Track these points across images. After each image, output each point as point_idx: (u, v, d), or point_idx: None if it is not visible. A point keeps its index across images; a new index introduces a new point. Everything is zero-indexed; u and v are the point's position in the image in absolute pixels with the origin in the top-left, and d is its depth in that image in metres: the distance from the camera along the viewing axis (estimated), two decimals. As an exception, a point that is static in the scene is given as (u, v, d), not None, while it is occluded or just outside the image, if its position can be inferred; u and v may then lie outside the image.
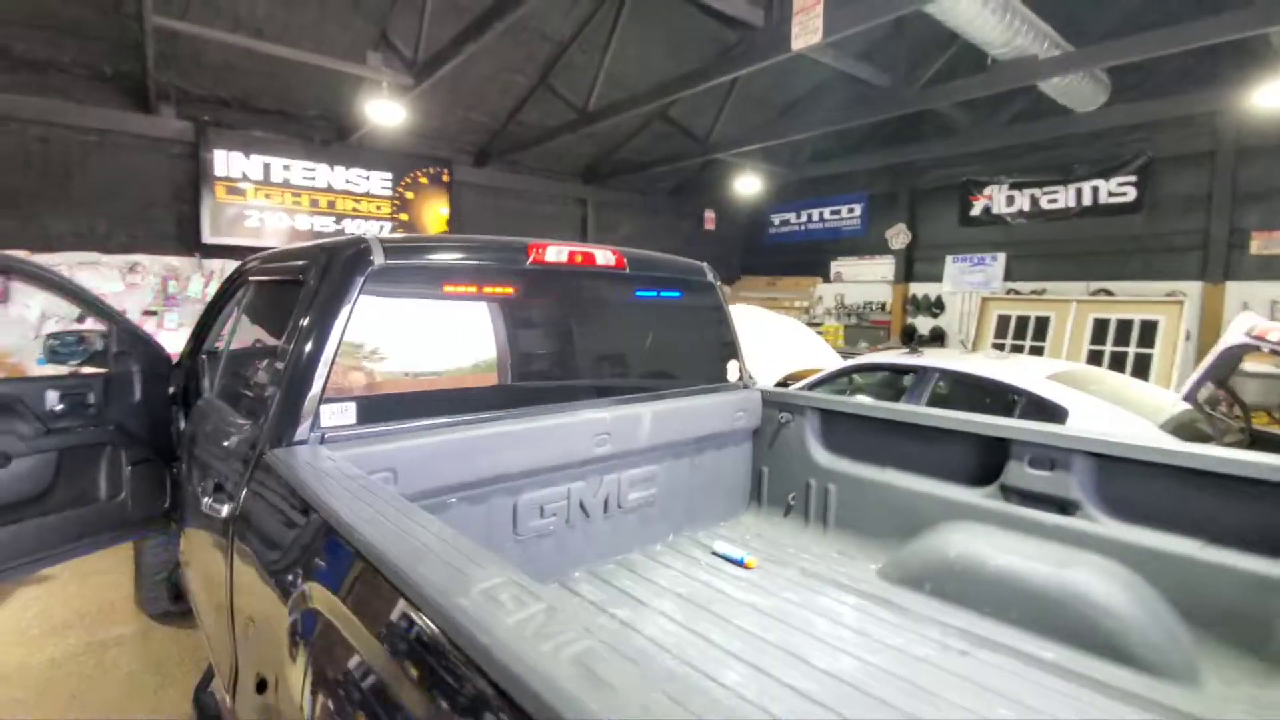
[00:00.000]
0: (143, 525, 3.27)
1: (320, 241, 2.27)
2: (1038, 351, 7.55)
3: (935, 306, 9.30)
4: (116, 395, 3.19)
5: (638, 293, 2.72)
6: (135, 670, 3.19)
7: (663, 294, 2.79)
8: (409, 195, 7.78)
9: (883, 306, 9.99)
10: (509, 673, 0.72)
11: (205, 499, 2.01)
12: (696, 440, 2.81)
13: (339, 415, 1.85)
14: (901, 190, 9.53)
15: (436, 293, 2.11)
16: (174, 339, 5.71)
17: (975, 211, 8.65)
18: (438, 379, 2.11)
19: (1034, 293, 8.09)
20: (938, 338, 9.22)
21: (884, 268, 9.94)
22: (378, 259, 1.94)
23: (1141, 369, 6.71)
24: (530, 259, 2.31)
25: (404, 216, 7.79)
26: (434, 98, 7.01)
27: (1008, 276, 8.46)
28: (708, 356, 3.05)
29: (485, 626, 0.79)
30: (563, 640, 0.77)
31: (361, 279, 1.90)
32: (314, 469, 1.53)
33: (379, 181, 7.55)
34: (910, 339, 9.47)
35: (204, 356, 3.06)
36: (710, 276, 3.04)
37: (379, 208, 7.60)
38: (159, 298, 6.68)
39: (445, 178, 8.04)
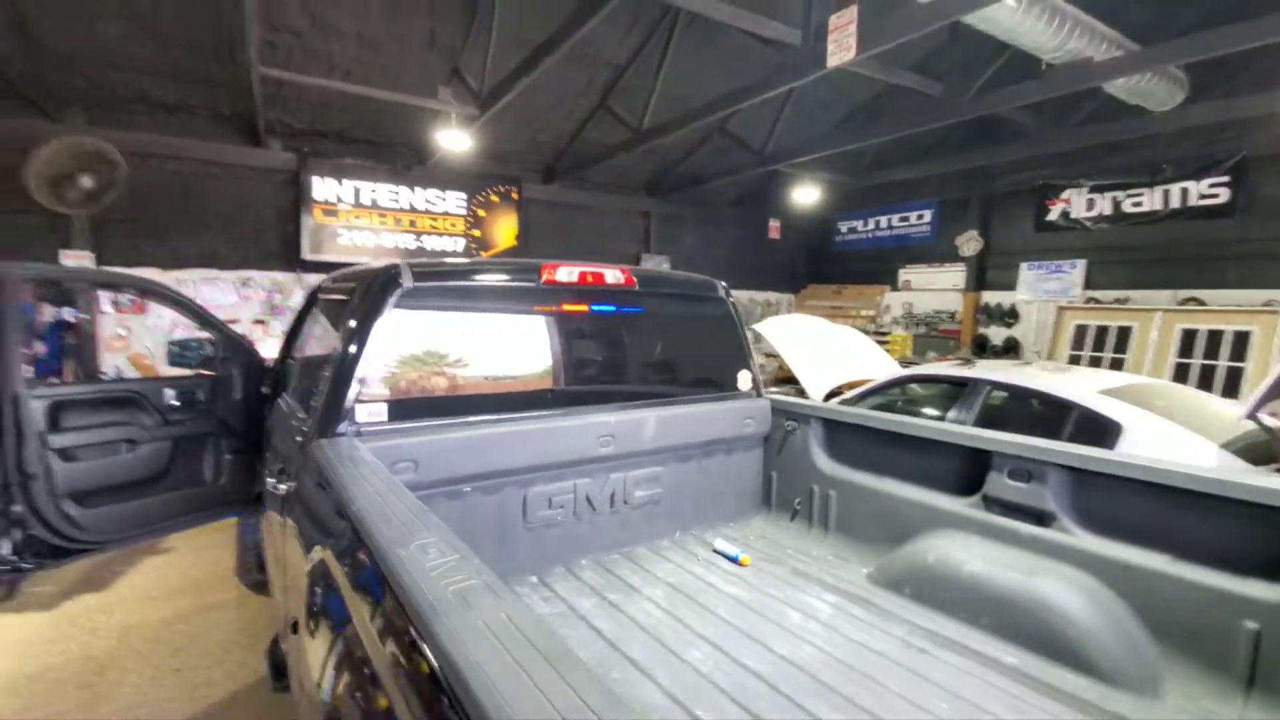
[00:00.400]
0: (238, 506, 3.85)
1: (367, 266, 2.67)
2: (1118, 365, 7.13)
3: (1009, 316, 8.91)
4: (220, 394, 3.78)
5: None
6: (230, 630, 3.76)
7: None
8: (481, 213, 8.38)
9: (952, 316, 9.67)
10: (411, 600, 1.00)
11: (271, 480, 2.44)
12: (703, 445, 3.01)
13: (372, 413, 2.22)
14: (973, 196, 9.22)
15: (458, 309, 2.45)
16: (277, 346, 6.49)
17: (1052, 216, 8.25)
18: (457, 383, 2.45)
19: (1116, 301, 7.62)
20: (1011, 349, 8.83)
21: (954, 275, 9.63)
22: (406, 282, 2.30)
23: (1233, 384, 6.22)
24: (543, 279, 2.60)
25: (476, 233, 8.39)
26: (503, 122, 7.55)
27: (1088, 284, 8.01)
28: (718, 366, 3.24)
29: (408, 568, 1.08)
30: (455, 580, 1.04)
31: (393, 299, 2.26)
32: (341, 456, 1.89)
33: (454, 201, 8.19)
34: (982, 350, 9.14)
35: (287, 362, 3.58)
36: (721, 292, 3.23)
37: (454, 225, 8.24)
38: (266, 309, 7.57)
39: (514, 195, 8.59)
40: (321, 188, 7.46)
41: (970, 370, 5.51)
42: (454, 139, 6.07)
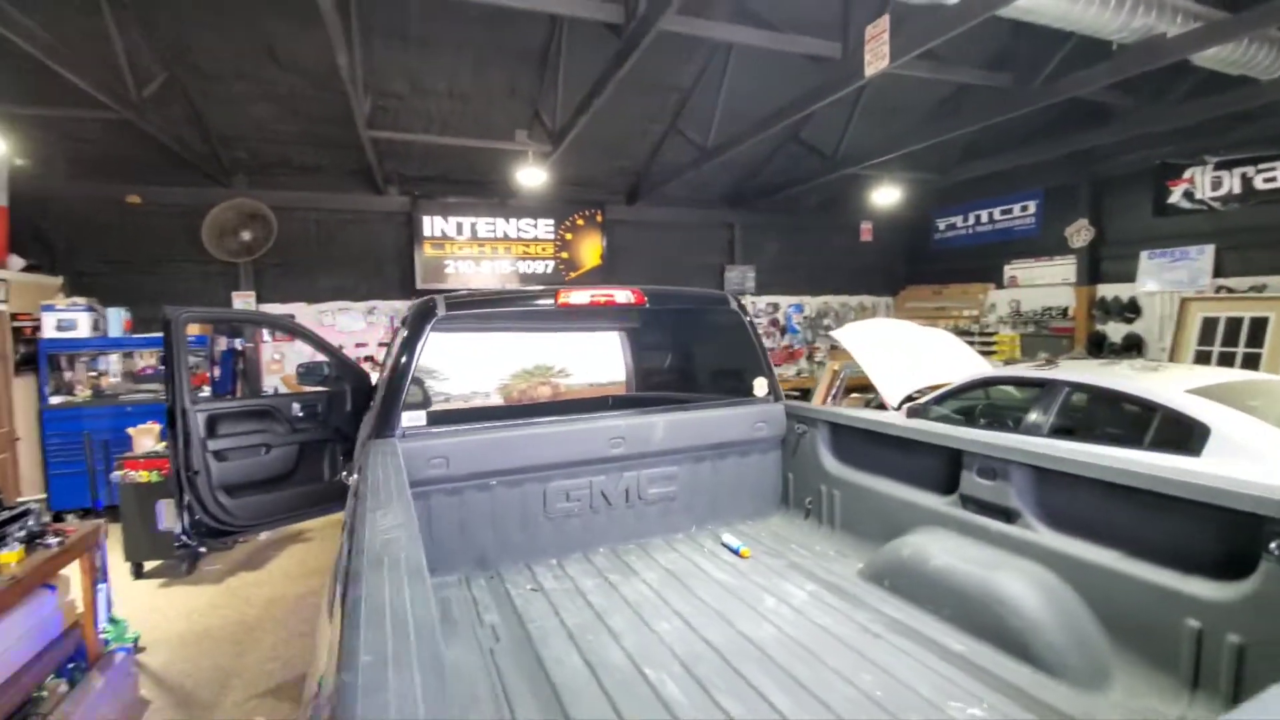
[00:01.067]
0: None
1: (417, 300, 3.25)
2: (1252, 362, 6.35)
3: (1129, 310, 8.13)
4: (335, 407, 4.57)
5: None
6: (342, 601, 4.52)
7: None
8: (568, 236, 9.06)
9: (1064, 312, 8.95)
10: (359, 548, 1.43)
11: (344, 473, 3.06)
12: (715, 447, 3.28)
13: (414, 419, 2.75)
14: (1081, 182, 8.52)
15: (486, 330, 2.94)
16: (393, 364, 7.52)
17: (1174, 198, 7.46)
18: (481, 393, 2.93)
19: (1252, 290, 6.76)
20: (1133, 346, 8.04)
21: (1064, 269, 8.92)
22: (441, 311, 2.81)
23: (1396, 379, 5.32)
24: (557, 303, 3.03)
25: (564, 255, 9.08)
26: (584, 152, 8.16)
27: (1218, 272, 7.16)
28: (734, 373, 3.49)
29: (365, 525, 1.52)
30: (388, 537, 1.46)
31: (430, 325, 2.79)
32: (381, 453, 2.41)
33: (543, 227, 8.93)
34: (1099, 348, 8.41)
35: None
36: (734, 304, 3.48)
37: (544, 249, 8.98)
38: (389, 333, 8.70)
39: (599, 218, 9.19)
40: (430, 225, 8.48)
41: (1049, 371, 5.25)
42: (530, 175, 6.75)
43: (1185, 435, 4.06)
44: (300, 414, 4.48)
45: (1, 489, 3.79)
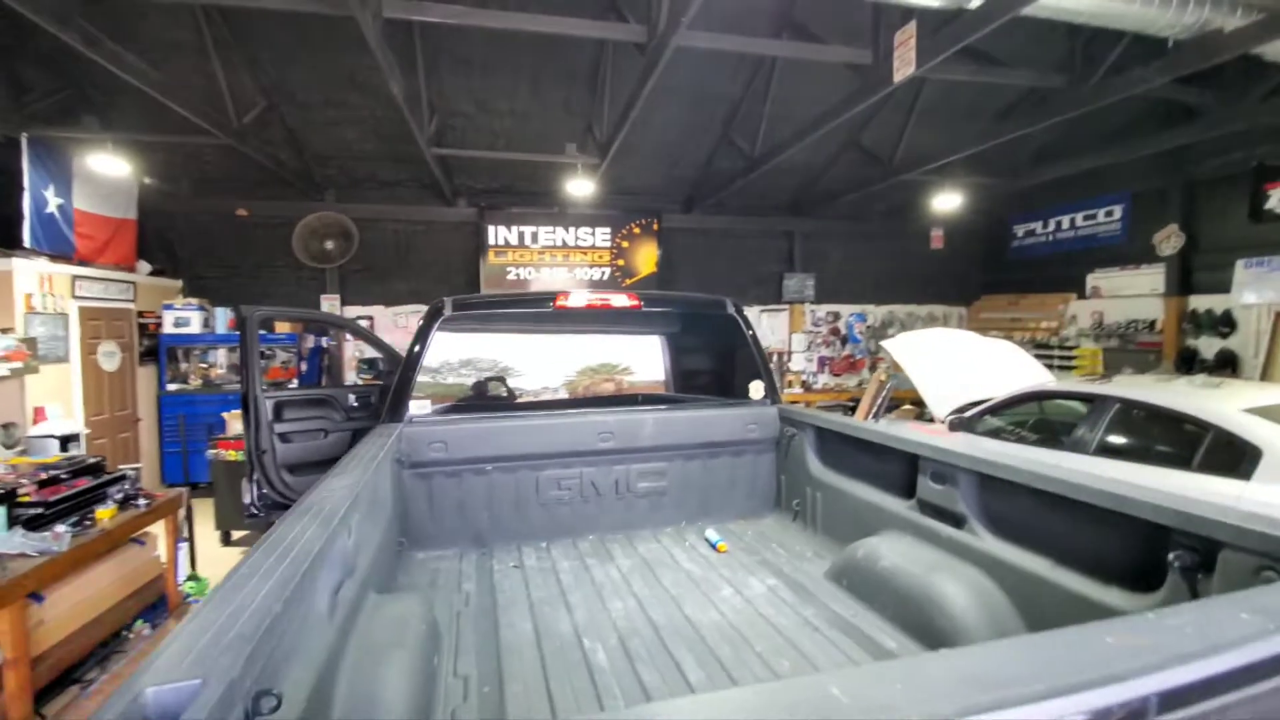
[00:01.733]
0: (393, 482, 5.08)
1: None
2: (1361, 381, 5.67)
3: (1223, 324, 7.42)
4: (385, 397, 5.05)
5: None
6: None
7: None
8: (624, 244, 9.37)
9: (1152, 325, 8.27)
10: (302, 503, 1.72)
11: (367, 454, 3.42)
12: (706, 445, 3.41)
13: (420, 407, 3.09)
14: (1172, 185, 7.88)
15: (486, 330, 3.24)
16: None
17: (1271, 203, 6.78)
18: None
19: (1366, 303, 6.02)
20: (1227, 363, 7.33)
21: (1152, 279, 8.24)
22: (448, 311, 3.14)
23: None
24: (555, 305, 3.28)
25: (621, 262, 9.39)
26: (640, 162, 8.46)
27: (1327, 282, 6.42)
28: (730, 375, 3.61)
29: (319, 487, 1.81)
30: (329, 493, 1.74)
31: (437, 324, 3.12)
32: (377, 434, 2.74)
33: (600, 236, 9.28)
34: (1189, 365, 7.73)
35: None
36: (731, 309, 3.60)
37: (600, 257, 9.33)
38: (456, 334, 9.32)
39: (655, 226, 9.44)
40: (494, 234, 9.03)
41: (1101, 386, 4.99)
42: (579, 185, 7.10)
43: (1237, 458, 3.79)
44: (355, 404, 4.98)
45: (108, 459, 4.50)
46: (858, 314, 10.94)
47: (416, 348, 3.12)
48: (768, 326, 10.53)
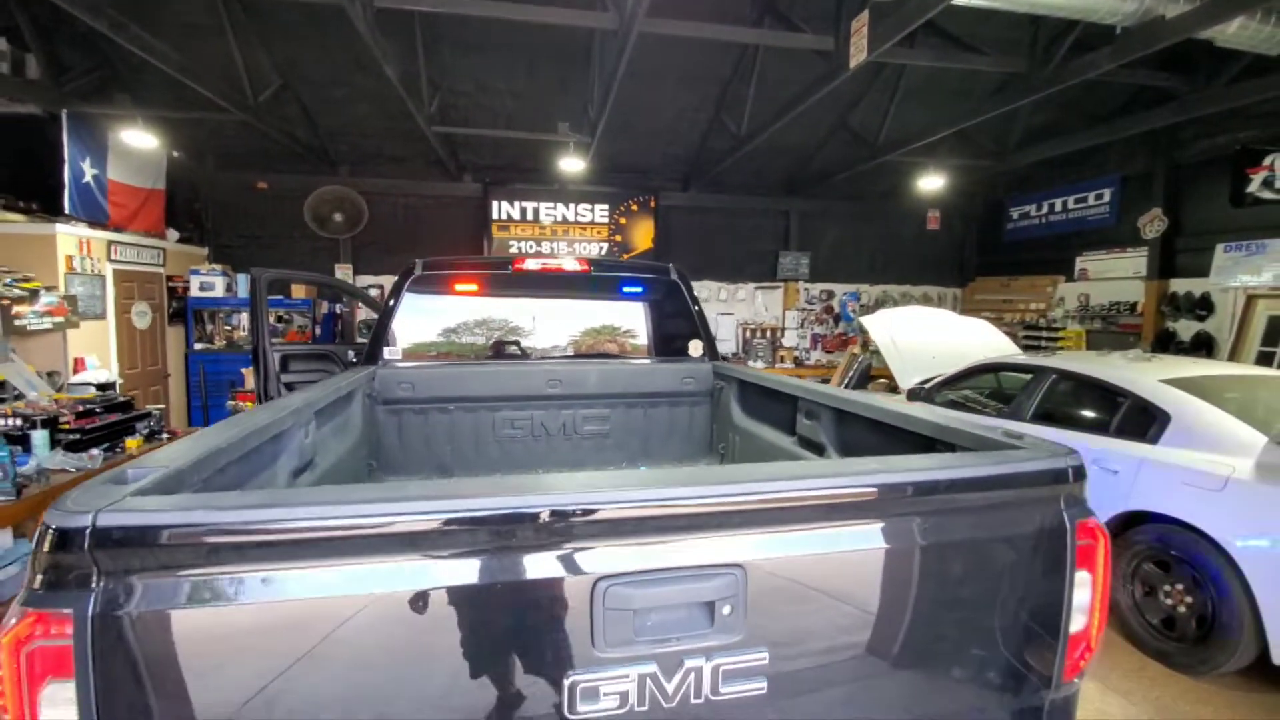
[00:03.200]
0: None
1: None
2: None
3: (1200, 307, 7.56)
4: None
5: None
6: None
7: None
8: (622, 220, 9.75)
9: (1133, 308, 8.42)
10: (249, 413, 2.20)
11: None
12: (646, 395, 3.84)
13: (393, 354, 3.57)
14: (1157, 169, 7.98)
15: (450, 289, 3.70)
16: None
17: (1253, 186, 6.87)
18: (448, 337, 3.69)
19: (1330, 286, 6.16)
20: (1203, 345, 7.49)
21: (1136, 261, 8.38)
22: (419, 271, 3.60)
23: None
24: (513, 269, 3.72)
25: (618, 238, 9.78)
26: (637, 139, 8.80)
27: (1298, 266, 6.54)
28: (672, 334, 4.01)
29: (286, 399, 2.29)
30: (291, 403, 2.22)
31: (408, 281, 3.59)
32: (358, 374, 3.23)
33: (599, 212, 9.68)
34: (1164, 347, 7.91)
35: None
36: (674, 275, 3.99)
37: (599, 232, 9.74)
38: (461, 304, 9.84)
39: (652, 204, 9.80)
40: (498, 209, 9.49)
41: (1042, 359, 5.30)
42: (570, 163, 7.50)
43: (1148, 423, 4.10)
44: (354, 359, 5.52)
45: (140, 398, 5.09)
46: (851, 293, 11.20)
47: (391, 302, 3.60)
48: (762, 303, 10.85)
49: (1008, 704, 1.43)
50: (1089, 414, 4.59)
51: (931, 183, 8.65)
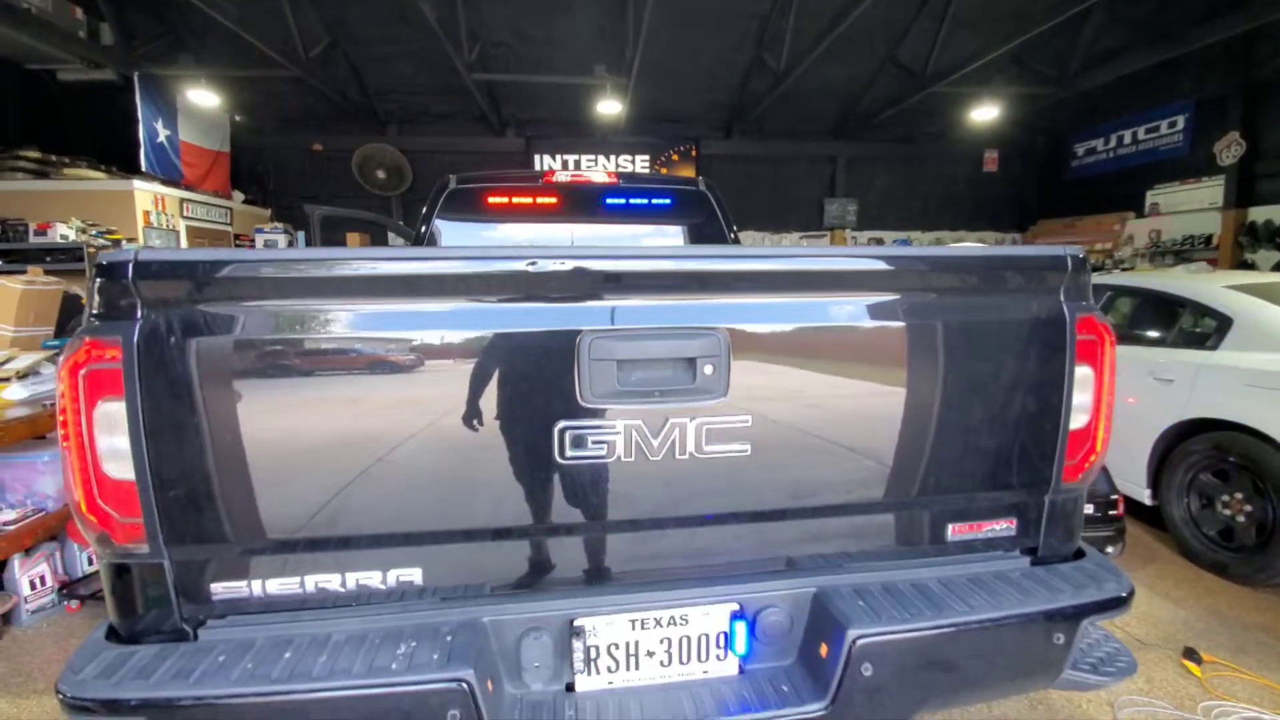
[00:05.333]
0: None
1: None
2: None
3: (1279, 236, 7.03)
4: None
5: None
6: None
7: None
8: (663, 170, 9.73)
9: (1208, 240, 7.87)
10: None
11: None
12: None
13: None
14: (1233, 88, 7.37)
15: (485, 205, 3.83)
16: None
17: (1345, 98, 6.29)
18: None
19: None
20: (1285, 276, 6.95)
21: (1211, 192, 7.81)
22: (453, 185, 3.75)
23: None
24: (545, 181, 3.81)
25: (659, 188, 9.77)
26: (676, 85, 8.71)
27: (1395, 182, 5.99)
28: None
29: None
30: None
31: (442, 197, 3.74)
32: None
33: (640, 164, 9.69)
34: (1243, 279, 7.40)
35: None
36: (702, 186, 3.97)
37: (640, 183, 9.75)
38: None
39: (694, 153, 9.73)
40: (540, 163, 9.62)
41: (1099, 277, 5.10)
42: (609, 105, 7.53)
43: (1208, 330, 3.91)
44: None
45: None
46: (902, 240, 10.86)
47: (423, 225, 3.76)
48: (807, 253, 10.65)
49: (1003, 500, 1.43)
50: (1146, 329, 4.40)
51: (987, 113, 8.26)
